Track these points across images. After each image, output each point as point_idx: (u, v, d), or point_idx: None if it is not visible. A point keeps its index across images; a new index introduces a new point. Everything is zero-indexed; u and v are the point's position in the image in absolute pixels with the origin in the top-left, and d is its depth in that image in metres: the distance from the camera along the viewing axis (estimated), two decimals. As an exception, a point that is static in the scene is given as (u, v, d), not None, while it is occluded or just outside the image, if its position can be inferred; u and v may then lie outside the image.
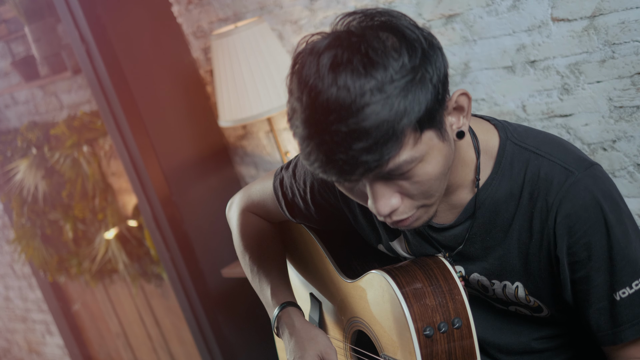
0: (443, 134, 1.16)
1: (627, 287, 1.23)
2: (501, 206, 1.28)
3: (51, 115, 3.77)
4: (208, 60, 2.92)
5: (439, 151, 1.16)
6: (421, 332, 1.30)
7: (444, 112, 1.16)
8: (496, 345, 1.40)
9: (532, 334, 1.38)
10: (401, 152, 1.11)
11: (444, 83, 1.14)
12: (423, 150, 1.13)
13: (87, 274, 3.86)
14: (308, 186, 1.50)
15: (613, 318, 1.25)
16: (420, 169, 1.14)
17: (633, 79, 1.84)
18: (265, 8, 2.63)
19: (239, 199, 1.72)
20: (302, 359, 1.44)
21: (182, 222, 2.96)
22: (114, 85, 2.81)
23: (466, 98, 1.19)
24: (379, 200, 1.16)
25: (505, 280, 1.32)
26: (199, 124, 2.97)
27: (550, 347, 1.39)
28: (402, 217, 1.19)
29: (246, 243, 1.66)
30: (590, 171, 1.23)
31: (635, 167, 1.93)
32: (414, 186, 1.16)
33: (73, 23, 2.80)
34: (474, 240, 1.32)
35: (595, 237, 1.22)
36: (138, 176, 2.93)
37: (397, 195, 1.17)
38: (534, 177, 1.24)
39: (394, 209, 1.17)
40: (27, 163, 3.77)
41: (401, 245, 1.42)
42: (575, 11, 1.88)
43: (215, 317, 3.06)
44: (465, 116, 1.20)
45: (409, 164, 1.12)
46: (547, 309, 1.33)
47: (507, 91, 2.09)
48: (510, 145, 1.27)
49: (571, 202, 1.21)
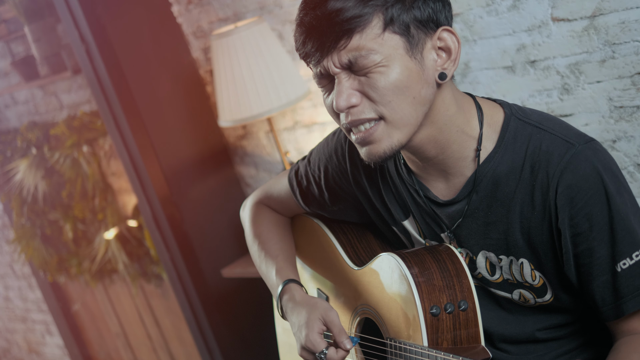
0: (412, 50, 1.23)
1: (628, 258, 1.26)
2: (502, 180, 1.30)
3: (51, 115, 3.77)
4: (208, 60, 2.92)
5: (403, 64, 1.23)
6: (428, 310, 1.32)
7: (422, 36, 1.24)
8: (500, 336, 1.41)
9: (535, 324, 1.39)
10: (362, 37, 1.21)
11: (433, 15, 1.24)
12: (385, 52, 1.22)
13: (87, 274, 3.86)
14: (322, 171, 1.56)
15: (615, 291, 1.27)
16: (380, 71, 1.23)
17: (633, 79, 1.84)
18: (265, 8, 2.63)
19: (253, 196, 1.77)
20: (306, 325, 1.45)
21: (182, 222, 2.96)
22: (114, 85, 2.81)
23: (452, 37, 1.26)
24: (339, 96, 1.25)
25: (511, 256, 1.33)
26: (198, 124, 2.97)
27: (554, 337, 1.40)
28: (360, 117, 1.26)
29: (256, 231, 1.71)
30: (590, 144, 1.26)
31: (635, 167, 1.93)
32: (373, 86, 1.24)
33: (73, 23, 2.80)
34: (477, 216, 1.34)
35: (596, 207, 1.24)
36: (138, 176, 2.93)
37: (357, 94, 1.25)
38: (535, 151, 1.27)
39: (351, 104, 1.25)
40: (27, 163, 3.77)
41: (413, 226, 1.46)
42: (575, 11, 1.88)
43: (215, 317, 3.06)
44: (452, 60, 1.27)
45: (368, 56, 1.22)
46: (551, 289, 1.33)
47: (507, 91, 2.09)
48: (514, 121, 1.31)
49: (572, 172, 1.24)
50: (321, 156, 1.58)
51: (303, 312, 1.48)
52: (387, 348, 1.43)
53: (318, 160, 1.58)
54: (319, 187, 1.59)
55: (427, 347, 1.31)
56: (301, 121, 2.73)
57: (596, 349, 1.40)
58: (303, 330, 1.45)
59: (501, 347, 1.42)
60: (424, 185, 1.39)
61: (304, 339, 1.44)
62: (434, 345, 1.32)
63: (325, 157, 1.56)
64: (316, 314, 1.45)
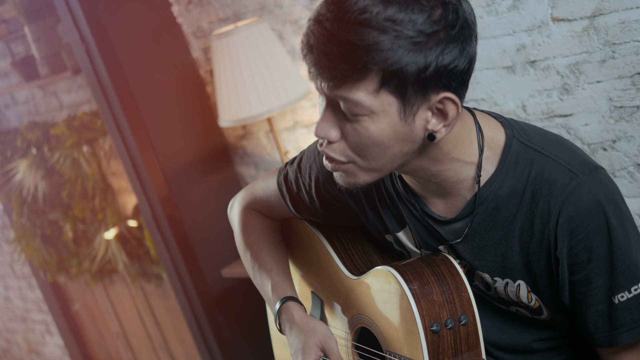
0: (405, 113, 1.17)
1: (626, 292, 1.23)
2: (503, 204, 1.27)
3: (51, 115, 3.77)
4: (208, 60, 2.92)
5: (391, 124, 1.17)
6: (428, 327, 1.30)
7: (419, 98, 1.16)
8: (497, 344, 1.40)
9: (533, 335, 1.38)
10: (354, 88, 1.15)
11: (438, 75, 1.15)
12: (376, 107, 1.16)
13: (87, 274, 3.86)
14: (313, 180, 1.51)
15: (610, 321, 1.25)
16: (365, 122, 1.17)
17: (633, 79, 1.84)
18: (265, 8, 2.63)
19: (240, 198, 1.72)
20: (302, 351, 1.44)
21: (182, 222, 2.96)
22: (114, 85, 2.81)
23: (453, 106, 1.17)
24: (321, 123, 1.22)
25: (507, 278, 1.32)
26: (198, 124, 2.97)
27: (551, 347, 1.39)
28: (331, 155, 1.23)
29: (247, 240, 1.67)
30: (595, 174, 1.22)
31: (635, 167, 1.93)
32: (354, 134, 1.19)
33: (73, 23, 2.80)
34: (474, 237, 1.32)
35: (596, 240, 1.21)
36: (138, 176, 2.93)
37: (337, 130, 1.21)
38: (537, 177, 1.24)
39: (328, 138, 1.21)
40: (27, 163, 3.77)
41: (408, 237, 1.43)
42: (575, 11, 1.88)
43: (215, 317, 3.06)
44: (446, 126, 1.19)
45: (356, 107, 1.16)
46: (547, 311, 1.32)
47: (507, 91, 2.09)
48: (516, 144, 1.27)
49: (574, 204, 1.21)
50: (312, 164, 1.52)
51: (301, 337, 1.46)
52: None
53: (309, 169, 1.53)
54: (310, 195, 1.54)
55: None
56: (301, 121, 2.73)
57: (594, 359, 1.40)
58: (299, 356, 1.44)
59: (498, 355, 1.41)
60: (422, 201, 1.36)
61: None
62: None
63: (317, 165, 1.51)
64: (314, 341, 1.43)
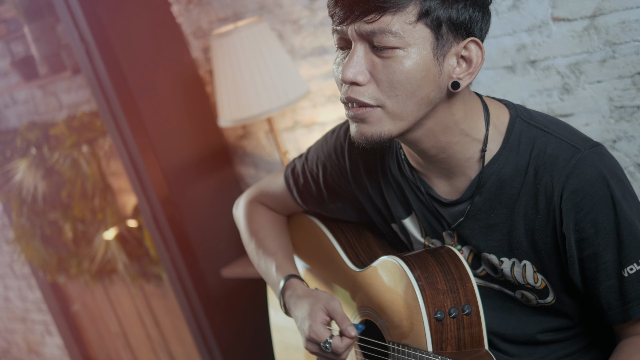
0: (438, 49, 1.20)
1: (635, 264, 1.25)
2: (507, 182, 1.29)
3: (51, 115, 3.77)
4: (208, 60, 2.92)
5: (424, 60, 1.19)
6: (432, 315, 1.31)
7: (450, 39, 1.20)
8: (501, 335, 1.41)
9: (537, 326, 1.39)
10: (394, 18, 1.17)
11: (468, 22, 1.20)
12: (411, 40, 1.18)
13: (87, 274, 3.86)
14: (321, 169, 1.54)
15: (622, 295, 1.26)
16: (400, 57, 1.19)
17: (633, 79, 1.84)
18: (265, 8, 2.63)
19: (246, 194, 1.75)
20: (309, 316, 1.44)
21: (182, 222, 2.96)
22: (114, 85, 2.81)
23: (478, 51, 1.22)
24: (351, 64, 1.21)
25: (513, 258, 1.33)
26: (198, 124, 2.97)
27: (555, 339, 1.40)
28: (359, 99, 1.22)
29: (252, 229, 1.69)
30: (596, 149, 1.25)
31: (635, 167, 1.93)
32: (386, 71, 1.20)
33: (72, 23, 2.80)
34: (479, 217, 1.33)
35: (602, 212, 1.23)
36: (138, 176, 2.93)
37: (366, 73, 1.21)
38: (540, 154, 1.26)
39: (356, 81, 1.21)
40: (27, 163, 3.76)
41: (415, 224, 1.44)
42: (575, 11, 1.87)
43: (215, 317, 3.06)
44: (470, 73, 1.23)
45: (393, 37, 1.18)
46: (553, 292, 1.33)
47: (508, 91, 2.09)
48: (519, 122, 1.29)
49: (577, 177, 1.23)
50: (320, 154, 1.55)
51: (305, 305, 1.47)
52: (390, 352, 1.42)
53: (316, 159, 1.56)
54: (317, 185, 1.57)
55: (432, 352, 1.31)
56: (301, 121, 2.73)
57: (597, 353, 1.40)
58: (306, 322, 1.44)
59: (502, 347, 1.42)
60: (427, 184, 1.38)
61: (307, 330, 1.43)
62: (438, 350, 1.31)
63: (324, 155, 1.54)
64: (319, 305, 1.44)
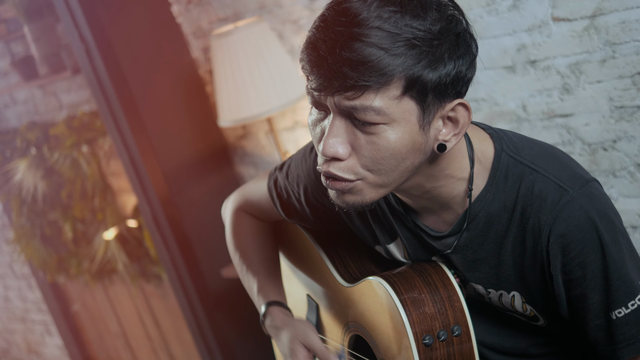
0: (424, 121, 1.13)
1: (623, 307, 1.22)
2: (494, 219, 1.26)
3: (50, 115, 3.77)
4: (208, 60, 2.92)
5: (410, 133, 1.12)
6: (420, 340, 1.28)
7: (437, 106, 1.13)
8: (494, 347, 1.40)
9: (530, 339, 1.37)
10: (377, 95, 1.09)
11: (454, 83, 1.12)
12: (396, 115, 1.10)
13: (87, 274, 3.86)
14: (302, 189, 1.49)
15: (610, 336, 1.24)
16: (385, 132, 1.11)
17: (634, 79, 1.84)
18: (265, 8, 2.63)
19: (233, 199, 1.71)
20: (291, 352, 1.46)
21: (181, 222, 2.95)
22: (114, 85, 2.81)
23: (465, 112, 1.15)
24: (330, 138, 1.13)
25: (501, 290, 1.31)
26: (198, 124, 2.97)
27: (548, 352, 1.38)
28: (338, 175, 1.15)
29: (237, 242, 1.67)
30: (586, 189, 1.20)
31: (635, 167, 1.92)
32: (369, 147, 1.12)
33: (72, 23, 2.80)
34: (467, 252, 1.30)
35: (590, 256, 1.20)
36: (138, 176, 2.93)
37: (347, 146, 1.13)
38: (527, 193, 1.22)
39: (339, 156, 1.13)
40: (27, 163, 3.76)
41: (399, 250, 1.41)
42: (575, 11, 1.87)
43: (215, 317, 3.06)
44: (456, 134, 1.16)
45: (377, 115, 1.09)
46: (543, 319, 1.32)
47: (508, 91, 2.09)
48: (505, 157, 1.24)
49: (565, 221, 1.19)
50: (299, 172, 1.49)
51: (284, 339, 1.48)
52: None
53: (297, 178, 1.49)
54: (300, 203, 1.51)
55: None
56: (301, 121, 2.73)
57: None
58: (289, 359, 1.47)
59: (494, 358, 1.41)
60: (414, 215, 1.34)
61: None
62: None
63: (304, 174, 1.48)
64: (296, 341, 1.46)
